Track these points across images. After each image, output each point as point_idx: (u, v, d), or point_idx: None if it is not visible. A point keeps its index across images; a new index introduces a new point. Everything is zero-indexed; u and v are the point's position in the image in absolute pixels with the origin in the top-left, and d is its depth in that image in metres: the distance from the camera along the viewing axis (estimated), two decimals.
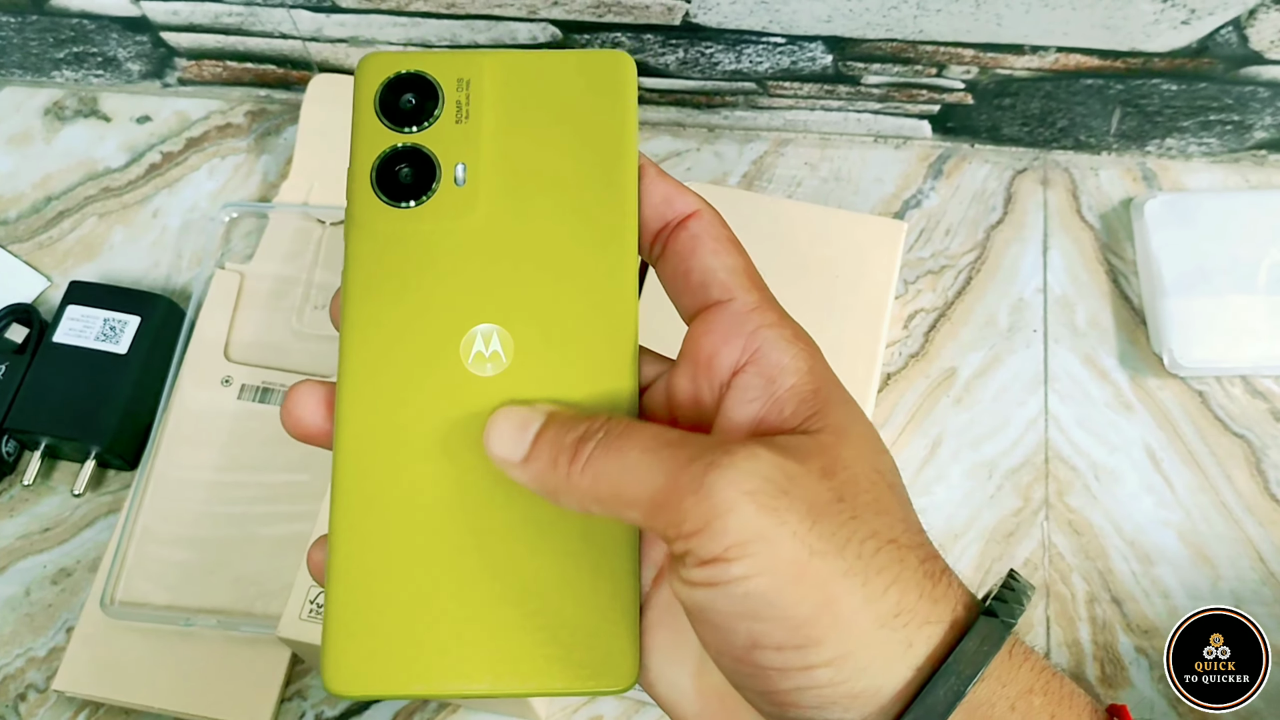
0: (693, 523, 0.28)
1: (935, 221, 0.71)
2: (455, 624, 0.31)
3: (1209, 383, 0.66)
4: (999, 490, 0.64)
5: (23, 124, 0.78)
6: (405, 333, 0.32)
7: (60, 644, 0.62)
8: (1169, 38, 0.64)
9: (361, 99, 0.34)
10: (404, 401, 0.32)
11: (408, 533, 0.32)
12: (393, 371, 0.32)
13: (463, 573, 0.32)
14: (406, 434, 0.32)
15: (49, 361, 0.66)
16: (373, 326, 0.33)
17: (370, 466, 0.32)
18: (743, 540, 0.27)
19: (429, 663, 0.31)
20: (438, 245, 0.33)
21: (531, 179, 0.34)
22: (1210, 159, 0.72)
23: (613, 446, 0.30)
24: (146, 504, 0.63)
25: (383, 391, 0.32)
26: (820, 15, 0.65)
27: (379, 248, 0.33)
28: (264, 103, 0.79)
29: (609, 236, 0.34)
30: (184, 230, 0.74)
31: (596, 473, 0.30)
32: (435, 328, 0.33)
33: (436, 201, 0.33)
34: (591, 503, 0.30)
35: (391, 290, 0.33)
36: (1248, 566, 0.62)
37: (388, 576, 0.31)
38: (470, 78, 0.34)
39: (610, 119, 0.35)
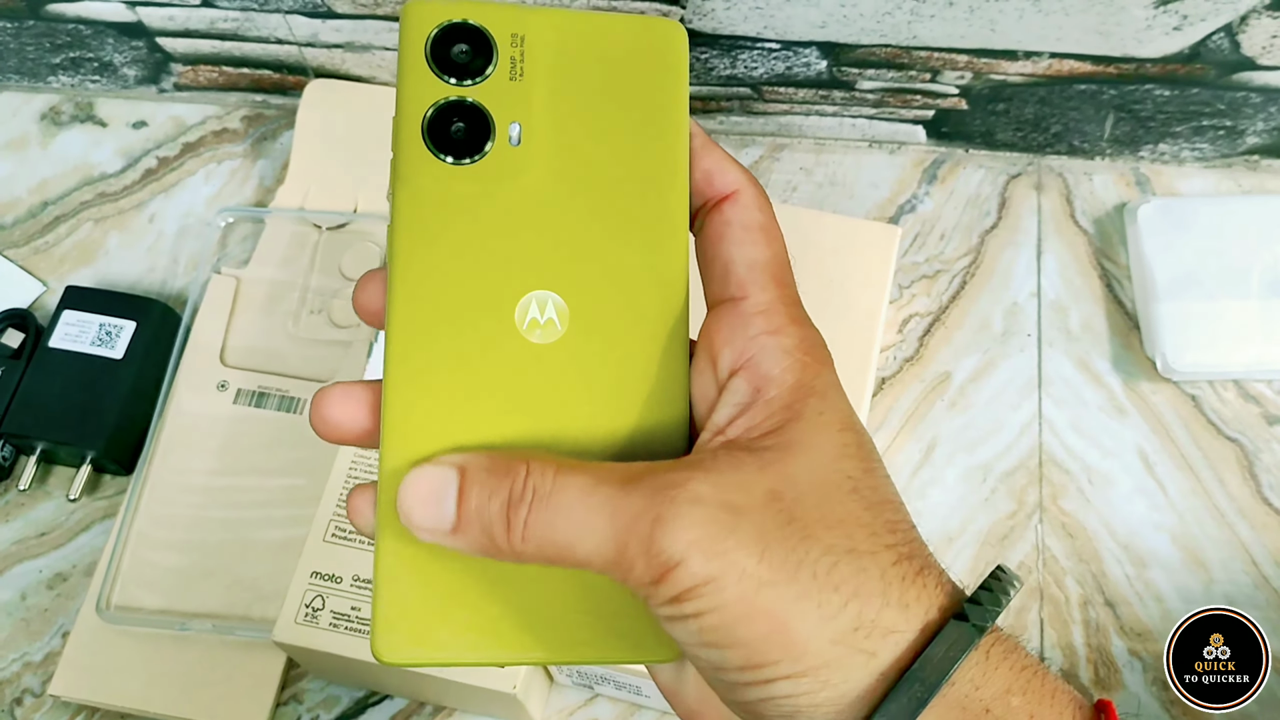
0: (647, 577, 0.28)
1: (930, 226, 0.72)
2: (507, 593, 0.31)
3: (1202, 387, 0.66)
4: (993, 494, 0.64)
5: (19, 129, 0.78)
6: (458, 296, 0.31)
7: (56, 649, 0.62)
8: (1161, 43, 0.64)
9: (410, 46, 0.32)
10: (456, 365, 0.31)
11: None
12: (446, 336, 0.31)
13: None
14: (459, 401, 0.31)
15: (45, 366, 0.66)
16: (424, 289, 0.31)
17: (420, 435, 0.31)
18: (693, 586, 0.28)
19: (482, 631, 0.31)
20: (492, 207, 0.32)
21: (585, 144, 0.33)
22: (1203, 164, 0.73)
23: (549, 506, 0.29)
24: (142, 509, 0.63)
25: (435, 356, 0.31)
26: (815, 21, 0.65)
27: (431, 205, 0.32)
28: (260, 108, 0.79)
29: (662, 208, 0.33)
30: (180, 235, 0.74)
31: (540, 540, 0.29)
32: (489, 292, 0.32)
33: (491, 160, 0.32)
34: (540, 563, 0.30)
35: (444, 251, 0.32)
36: (1240, 570, 0.62)
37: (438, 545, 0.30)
38: (525, 33, 0.33)
39: (663, 87, 0.34)
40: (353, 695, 0.61)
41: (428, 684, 0.56)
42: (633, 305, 0.32)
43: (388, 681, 0.59)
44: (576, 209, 0.32)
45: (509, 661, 0.31)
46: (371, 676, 0.59)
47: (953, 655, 0.29)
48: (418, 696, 0.60)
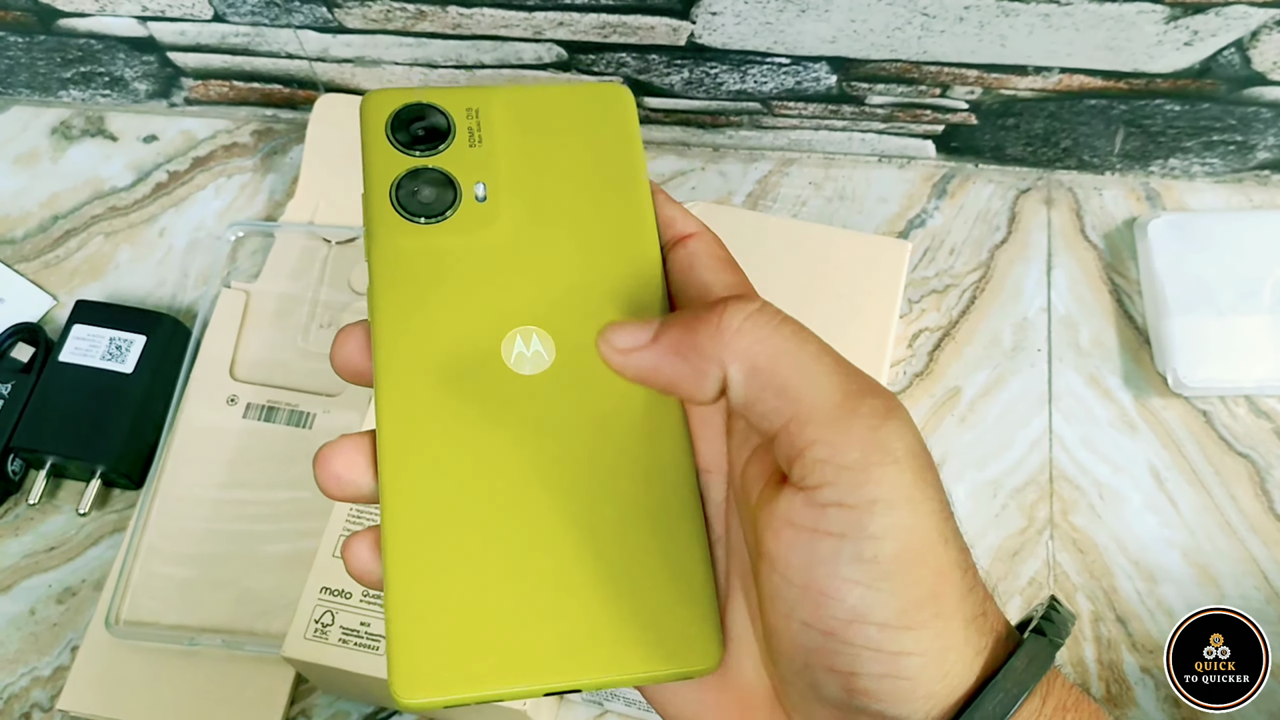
0: (855, 456, 0.26)
1: (939, 241, 0.72)
2: (529, 619, 0.30)
3: (1213, 402, 0.66)
4: (1003, 509, 0.64)
5: (30, 143, 0.79)
6: (443, 339, 0.32)
7: (65, 663, 0.62)
8: (1172, 59, 0.64)
9: (371, 130, 0.34)
10: (449, 402, 0.31)
11: (467, 530, 0.30)
12: (435, 375, 0.32)
13: (529, 565, 0.30)
14: (455, 433, 0.31)
15: (55, 381, 0.66)
16: (408, 337, 0.32)
17: (421, 468, 0.31)
18: (892, 500, 0.26)
19: (507, 660, 0.29)
20: (465, 257, 0.33)
21: (550, 195, 0.34)
22: (1213, 179, 0.72)
23: (783, 325, 0.28)
24: (152, 523, 0.63)
25: (426, 394, 0.31)
26: (825, 36, 0.65)
27: (405, 263, 0.33)
28: (270, 122, 0.79)
29: (633, 244, 0.34)
30: (190, 249, 0.74)
31: (763, 335, 0.28)
32: (473, 332, 0.32)
33: (460, 216, 0.34)
34: (743, 371, 0.28)
35: (423, 301, 0.32)
36: (1252, 586, 0.62)
37: (451, 575, 0.30)
38: (478, 108, 0.35)
39: (617, 142, 0.36)
40: (362, 711, 0.61)
41: None
42: None
43: None
44: (549, 250, 0.34)
45: (539, 691, 0.30)
46: (381, 692, 0.58)
47: (1035, 668, 0.28)
48: (427, 712, 0.60)
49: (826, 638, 0.27)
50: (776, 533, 0.27)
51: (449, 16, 0.68)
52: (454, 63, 0.72)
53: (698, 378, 0.28)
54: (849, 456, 0.26)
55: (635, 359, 0.29)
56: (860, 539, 0.26)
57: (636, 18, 0.66)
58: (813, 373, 0.28)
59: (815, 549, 0.27)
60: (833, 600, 0.26)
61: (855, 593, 0.26)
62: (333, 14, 0.69)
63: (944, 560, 0.27)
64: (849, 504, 0.26)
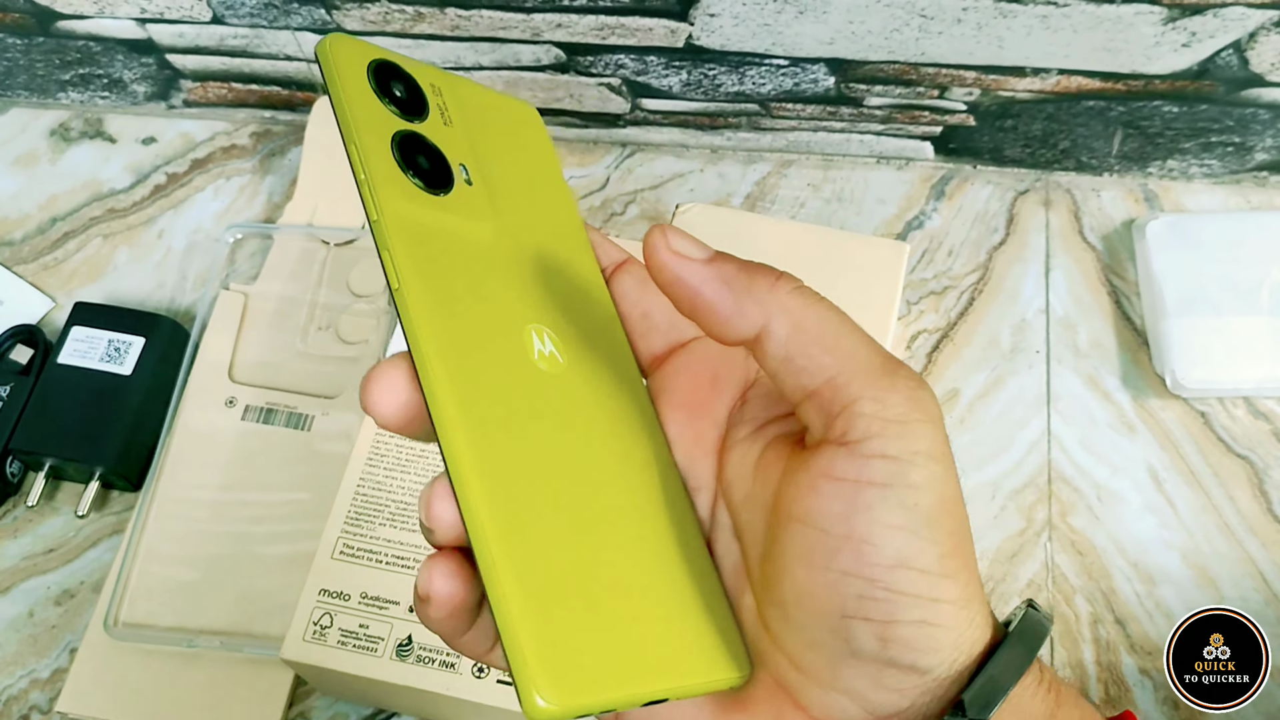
0: (899, 411, 0.28)
1: (937, 243, 0.72)
2: (621, 626, 0.28)
3: (1211, 404, 0.66)
4: (1002, 511, 0.64)
5: (28, 145, 0.79)
6: (481, 335, 0.30)
7: (64, 665, 0.62)
8: (1170, 60, 0.64)
9: (349, 78, 0.31)
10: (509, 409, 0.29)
11: (559, 540, 0.28)
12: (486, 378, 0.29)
13: (609, 574, 0.29)
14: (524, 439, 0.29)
15: (53, 383, 0.66)
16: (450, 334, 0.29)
17: (501, 478, 0.28)
18: (930, 453, 0.28)
19: (617, 669, 0.28)
20: (469, 242, 0.31)
21: (510, 193, 0.33)
22: (1212, 180, 0.72)
23: (822, 299, 0.29)
24: (150, 525, 0.63)
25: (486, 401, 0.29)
26: (823, 37, 0.65)
27: (422, 239, 0.30)
28: (269, 124, 0.79)
29: (586, 258, 0.34)
30: (189, 251, 0.74)
31: (808, 301, 0.29)
32: (499, 326, 0.30)
33: (456, 195, 0.31)
34: (787, 324, 0.28)
35: (451, 290, 0.30)
36: (1251, 588, 0.62)
37: (558, 583, 0.28)
38: (440, 86, 0.33)
39: (544, 158, 0.35)
40: (361, 713, 0.61)
41: (438, 702, 0.56)
42: (603, 337, 0.33)
43: (396, 700, 0.59)
44: (532, 249, 0.32)
45: (641, 700, 0.28)
46: (379, 694, 0.58)
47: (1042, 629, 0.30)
48: (426, 715, 0.60)
49: (868, 584, 0.27)
50: (814, 488, 0.28)
51: (447, 18, 0.68)
52: (452, 64, 0.72)
53: (737, 315, 0.29)
54: (894, 411, 0.28)
55: (685, 268, 0.29)
56: (904, 487, 0.27)
57: (634, 19, 0.66)
58: (855, 338, 0.29)
59: (858, 498, 0.27)
60: (876, 547, 0.27)
61: (899, 538, 0.27)
62: (331, 16, 0.69)
63: (965, 518, 0.29)
64: (893, 455, 0.27)
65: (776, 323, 0.28)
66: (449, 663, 0.54)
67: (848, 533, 0.27)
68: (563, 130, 0.76)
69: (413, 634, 0.55)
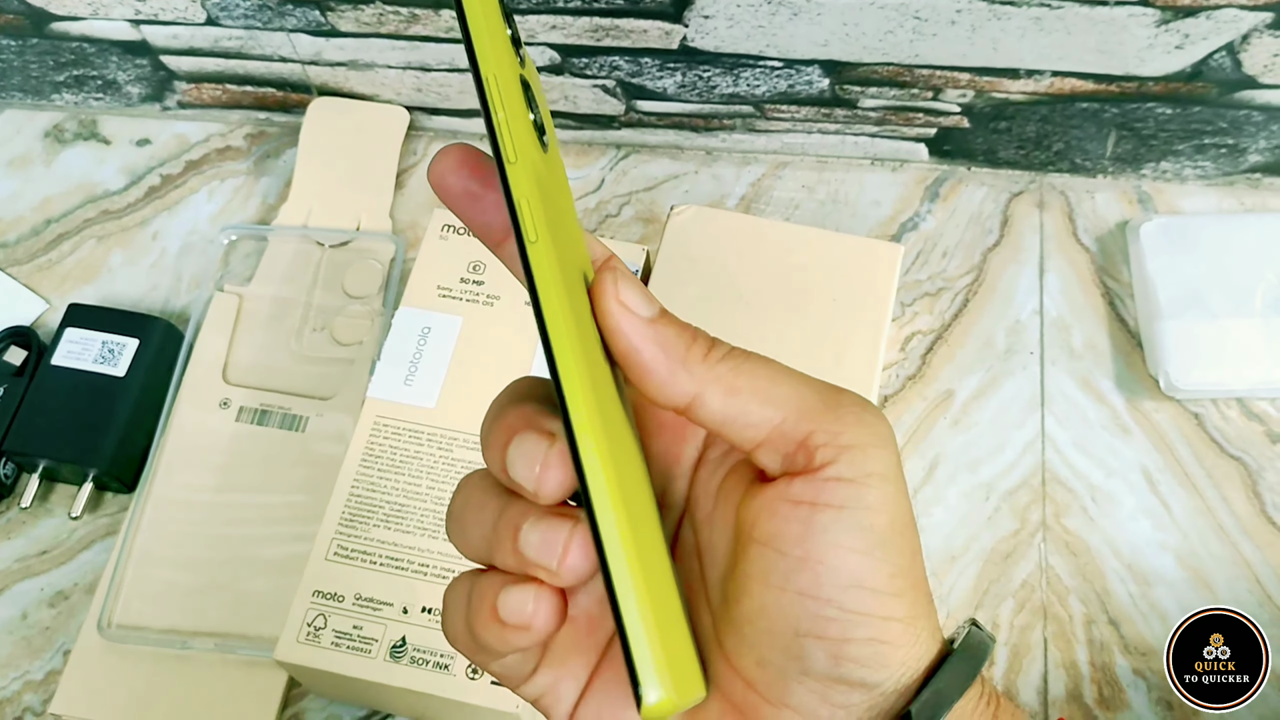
0: (851, 438, 0.28)
1: (932, 244, 0.72)
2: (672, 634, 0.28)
3: (1205, 405, 0.66)
4: (996, 512, 0.64)
5: (23, 147, 0.79)
6: (584, 324, 0.28)
7: (57, 667, 0.62)
8: (1163, 62, 0.64)
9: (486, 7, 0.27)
10: (611, 418, 0.28)
11: (645, 543, 0.28)
12: (598, 381, 0.28)
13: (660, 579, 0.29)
14: (620, 450, 0.28)
15: (47, 384, 0.66)
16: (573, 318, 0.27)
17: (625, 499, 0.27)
18: (884, 474, 0.28)
19: (695, 670, 0.29)
20: (553, 213, 0.28)
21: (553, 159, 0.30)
22: (1205, 182, 0.73)
23: (751, 357, 0.29)
24: (144, 526, 0.63)
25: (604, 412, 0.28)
26: (817, 39, 0.65)
27: (542, 198, 0.27)
28: (263, 125, 0.79)
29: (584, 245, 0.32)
30: (183, 253, 0.74)
31: (737, 366, 0.29)
32: (585, 316, 0.29)
33: (549, 156, 0.29)
34: (720, 391, 0.29)
35: (560, 256, 0.27)
36: (1245, 589, 0.62)
37: (649, 585, 0.27)
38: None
39: None
40: (354, 714, 0.61)
41: (431, 704, 0.56)
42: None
43: (390, 701, 0.59)
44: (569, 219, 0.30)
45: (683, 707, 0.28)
46: (373, 695, 0.58)
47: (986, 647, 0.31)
48: (420, 716, 0.60)
49: (823, 604, 0.28)
50: (773, 511, 0.29)
51: (442, 20, 0.68)
52: (447, 66, 0.72)
53: (670, 384, 0.29)
54: (846, 438, 0.28)
55: (628, 322, 0.29)
56: (859, 509, 0.28)
57: (629, 21, 0.66)
58: (792, 383, 0.29)
59: (814, 521, 0.28)
60: (832, 568, 0.28)
61: (854, 560, 0.28)
62: (325, 17, 0.69)
63: (915, 537, 0.30)
64: (848, 478, 0.28)
65: (709, 393, 0.29)
66: (442, 664, 0.54)
67: (804, 554, 0.28)
68: (558, 132, 0.76)
69: (406, 635, 0.55)
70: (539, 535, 0.28)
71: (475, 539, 0.30)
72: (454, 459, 0.59)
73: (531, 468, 0.28)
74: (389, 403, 0.60)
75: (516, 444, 0.28)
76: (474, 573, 0.30)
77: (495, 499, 0.30)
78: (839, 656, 0.28)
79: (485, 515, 0.30)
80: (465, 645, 0.31)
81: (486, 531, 0.30)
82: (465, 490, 0.31)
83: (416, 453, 0.59)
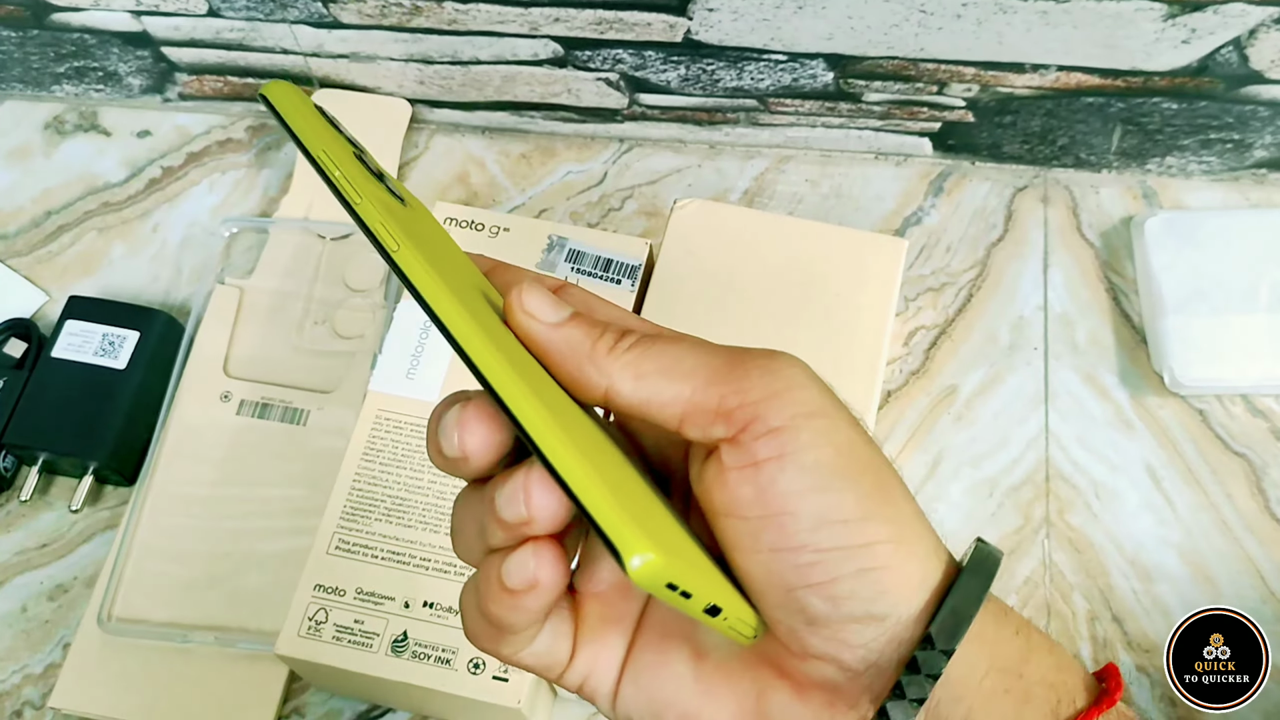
0: (761, 391, 0.29)
1: (936, 239, 0.71)
2: (683, 543, 0.29)
3: (1209, 401, 0.66)
4: (999, 508, 0.64)
5: (23, 138, 0.78)
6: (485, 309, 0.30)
7: (57, 660, 0.62)
8: (1170, 57, 0.64)
9: (310, 114, 0.33)
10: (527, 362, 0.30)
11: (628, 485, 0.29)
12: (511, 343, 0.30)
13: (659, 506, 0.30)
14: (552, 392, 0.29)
15: (47, 376, 0.65)
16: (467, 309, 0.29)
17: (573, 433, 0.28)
18: (810, 412, 0.29)
19: (691, 566, 0.28)
20: (442, 248, 0.33)
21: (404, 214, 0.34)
22: (1210, 177, 0.72)
23: (657, 341, 0.30)
24: (144, 520, 0.63)
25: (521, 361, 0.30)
26: (821, 33, 0.65)
27: (402, 228, 0.30)
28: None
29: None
30: (184, 245, 0.74)
31: (643, 351, 0.30)
32: (482, 301, 0.31)
33: (414, 211, 0.33)
34: (628, 379, 0.29)
35: (441, 264, 0.30)
36: (1248, 585, 0.62)
37: (637, 500, 0.28)
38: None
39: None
40: (355, 708, 0.61)
41: (433, 698, 0.56)
42: None
43: (391, 695, 0.59)
44: (455, 258, 0.33)
45: (710, 601, 0.28)
46: (374, 690, 0.58)
47: (994, 558, 0.31)
48: (421, 710, 0.60)
49: (798, 554, 0.28)
50: (722, 484, 0.29)
51: (444, 12, 0.67)
52: (449, 59, 0.71)
53: (581, 380, 0.30)
54: (756, 393, 0.29)
55: (534, 328, 0.30)
56: (797, 451, 0.28)
57: (633, 14, 0.66)
58: (696, 354, 0.30)
59: (759, 478, 0.28)
60: (793, 515, 0.28)
61: (810, 500, 0.28)
62: (328, 9, 0.69)
63: (876, 457, 0.30)
64: (775, 427, 0.28)
65: (618, 381, 0.29)
66: (444, 659, 0.54)
67: (763, 512, 0.28)
68: (560, 125, 0.76)
69: (408, 630, 0.55)
70: (504, 493, 0.28)
71: (471, 539, 0.31)
72: None
73: (451, 436, 0.29)
74: (391, 396, 0.60)
75: (435, 422, 0.29)
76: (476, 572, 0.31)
77: (476, 498, 0.30)
78: (835, 597, 0.28)
79: (470, 513, 0.31)
80: (489, 638, 0.31)
81: (476, 528, 0.30)
82: (455, 507, 0.32)
83: (418, 446, 0.59)
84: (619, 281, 0.62)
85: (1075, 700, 0.31)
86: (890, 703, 0.29)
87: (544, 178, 0.75)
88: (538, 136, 0.77)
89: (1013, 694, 0.30)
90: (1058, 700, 0.31)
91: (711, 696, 0.32)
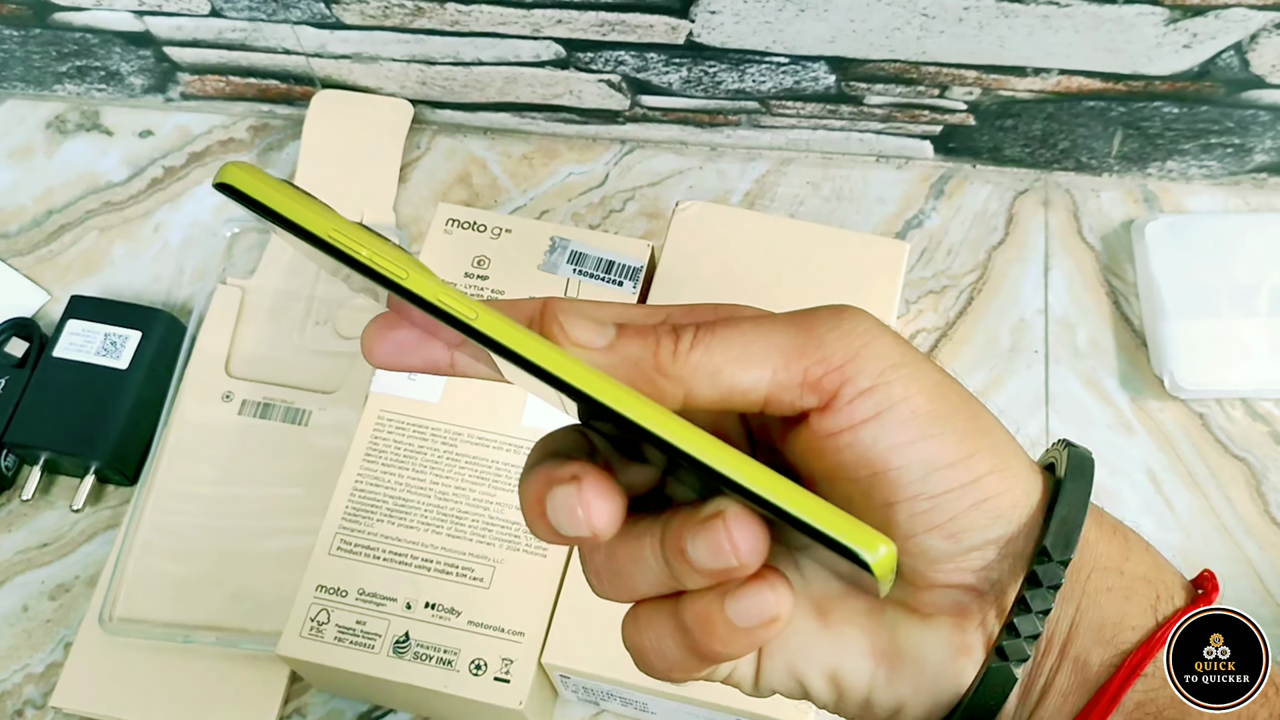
0: (843, 355, 0.28)
1: (937, 242, 0.72)
2: None
3: (1210, 405, 0.66)
4: None
5: (24, 137, 0.78)
6: None
7: (58, 660, 0.62)
8: (1171, 61, 0.64)
9: (280, 187, 0.29)
10: None
11: None
12: None
13: None
14: None
15: (49, 376, 0.65)
16: None
17: None
18: (895, 363, 0.29)
19: None
20: None
21: None
22: (1211, 181, 0.72)
23: (717, 329, 0.29)
24: (146, 519, 0.63)
25: None
26: (823, 35, 0.65)
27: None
28: (267, 118, 0.79)
29: None
30: (186, 245, 0.74)
31: (707, 346, 0.29)
32: None
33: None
34: (704, 378, 0.29)
35: None
36: (1248, 588, 0.62)
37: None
38: None
39: None
40: (357, 709, 0.61)
41: (434, 699, 0.56)
42: None
43: (392, 696, 0.59)
44: None
45: None
46: (376, 691, 0.58)
47: (1090, 460, 0.32)
48: (423, 711, 0.60)
49: (914, 503, 0.29)
50: (820, 452, 0.29)
51: (447, 13, 0.68)
52: (451, 59, 0.72)
53: (657, 394, 0.29)
54: (838, 357, 0.29)
55: (591, 359, 0.29)
56: (892, 406, 0.28)
57: (635, 16, 0.66)
58: (762, 333, 0.29)
59: (859, 441, 0.28)
60: (901, 468, 0.28)
61: (916, 450, 0.28)
62: (330, 10, 0.69)
63: (961, 390, 0.30)
64: (865, 389, 0.28)
65: (695, 385, 0.29)
66: (446, 660, 0.54)
67: (871, 472, 0.29)
68: (562, 126, 0.76)
69: (409, 630, 0.55)
70: (702, 546, 0.28)
71: (637, 583, 0.30)
72: (458, 454, 0.59)
73: (573, 514, 0.28)
74: (392, 397, 0.60)
75: (538, 503, 0.28)
76: (653, 606, 0.30)
77: (626, 546, 0.30)
78: (954, 534, 0.29)
79: (640, 554, 0.30)
80: (692, 669, 0.30)
81: (640, 570, 0.30)
82: (589, 554, 0.31)
83: (420, 447, 0.59)
84: (620, 283, 0.62)
85: (1174, 598, 0.33)
86: (1018, 617, 0.30)
87: (546, 179, 0.75)
88: (539, 138, 0.77)
89: (1115, 591, 0.32)
90: (1156, 597, 0.33)
91: (846, 647, 0.32)
